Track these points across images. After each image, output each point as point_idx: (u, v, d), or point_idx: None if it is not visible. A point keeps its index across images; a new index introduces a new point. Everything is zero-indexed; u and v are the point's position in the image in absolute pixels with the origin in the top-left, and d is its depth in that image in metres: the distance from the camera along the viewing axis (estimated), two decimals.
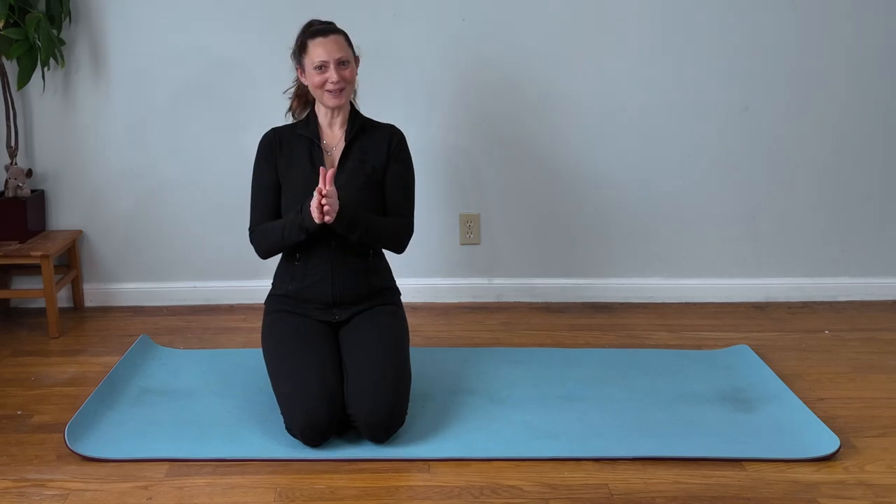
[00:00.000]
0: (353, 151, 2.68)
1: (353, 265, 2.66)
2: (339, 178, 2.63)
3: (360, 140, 2.69)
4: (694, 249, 3.67)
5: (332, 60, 2.59)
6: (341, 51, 2.61)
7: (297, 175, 2.65)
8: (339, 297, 2.65)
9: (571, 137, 3.57)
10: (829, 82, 3.54)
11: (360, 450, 2.41)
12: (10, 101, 3.41)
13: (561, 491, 2.23)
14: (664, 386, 2.81)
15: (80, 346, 3.23)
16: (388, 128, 2.74)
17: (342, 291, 2.65)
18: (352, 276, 2.65)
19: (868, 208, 3.65)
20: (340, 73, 2.60)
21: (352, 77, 2.64)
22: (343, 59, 2.61)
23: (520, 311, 3.61)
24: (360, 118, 2.72)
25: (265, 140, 2.73)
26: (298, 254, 2.65)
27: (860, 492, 2.22)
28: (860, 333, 3.33)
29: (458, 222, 3.62)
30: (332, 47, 2.60)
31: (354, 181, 2.64)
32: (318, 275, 2.65)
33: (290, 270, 2.69)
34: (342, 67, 2.61)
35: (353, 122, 2.70)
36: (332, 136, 2.71)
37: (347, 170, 2.65)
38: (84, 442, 2.44)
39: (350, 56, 2.64)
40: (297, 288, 2.67)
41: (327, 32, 2.63)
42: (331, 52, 2.59)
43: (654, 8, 3.48)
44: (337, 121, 2.70)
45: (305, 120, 2.73)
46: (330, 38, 2.61)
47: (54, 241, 3.43)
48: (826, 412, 2.64)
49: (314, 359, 2.50)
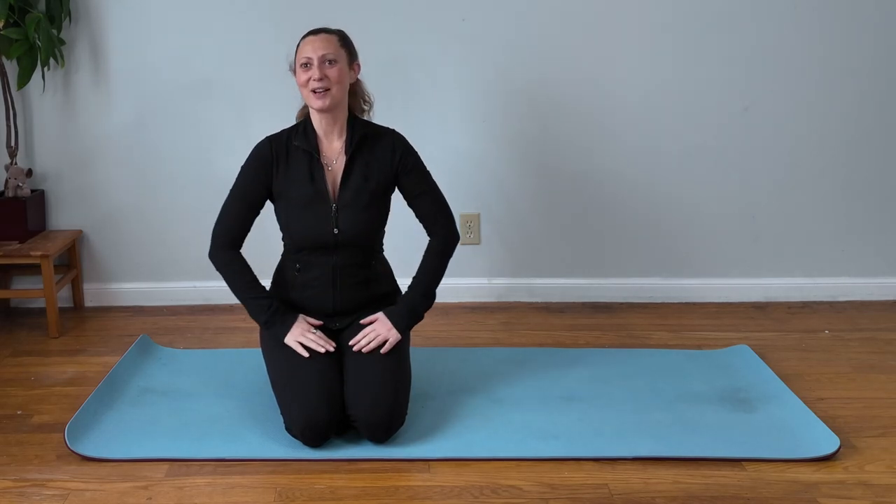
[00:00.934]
0: (356, 167, 2.56)
1: (356, 275, 2.60)
2: (342, 197, 2.54)
3: (362, 153, 2.57)
4: (694, 249, 3.68)
5: (317, 57, 2.48)
6: (328, 48, 2.50)
7: (297, 194, 2.55)
8: (341, 308, 2.62)
9: (572, 137, 3.57)
10: (828, 82, 3.54)
11: (360, 450, 2.41)
12: (10, 100, 3.41)
13: (561, 491, 2.23)
14: (664, 386, 2.81)
15: (80, 346, 3.23)
16: (388, 136, 2.62)
17: (344, 302, 2.61)
18: (354, 286, 2.61)
19: (868, 208, 3.65)
20: (324, 70, 2.48)
21: (339, 77, 2.51)
22: (329, 57, 2.49)
23: (520, 311, 3.61)
24: (359, 127, 2.59)
25: (260, 152, 2.59)
26: (298, 265, 2.60)
27: (860, 492, 2.22)
28: (860, 333, 3.33)
29: (458, 222, 3.61)
30: (318, 44, 2.51)
31: (358, 201, 2.55)
32: (318, 287, 2.60)
33: (288, 279, 2.64)
34: (327, 66, 2.49)
35: (352, 132, 2.57)
36: (330, 148, 2.59)
37: (351, 189, 2.55)
38: (84, 442, 2.44)
39: (340, 56, 2.52)
40: (296, 297, 2.62)
41: (319, 31, 2.55)
42: (316, 49, 2.50)
43: (654, 8, 3.48)
44: (334, 130, 2.58)
45: (303, 129, 2.59)
46: (320, 36, 2.53)
47: (54, 240, 3.43)
48: (826, 412, 2.64)
49: (314, 359, 2.49)
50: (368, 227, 2.59)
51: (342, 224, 2.54)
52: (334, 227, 2.54)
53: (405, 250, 2.87)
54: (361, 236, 2.58)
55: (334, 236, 2.54)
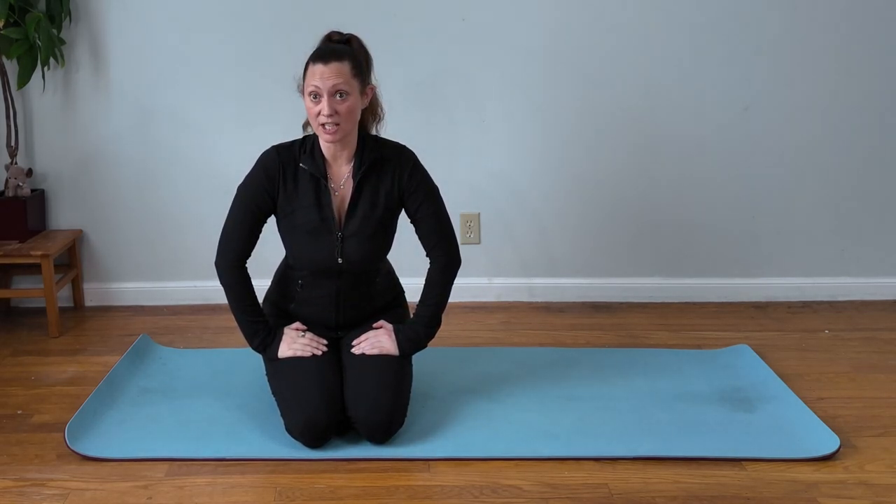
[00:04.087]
0: (364, 194, 2.48)
1: (360, 291, 2.58)
2: (349, 225, 2.48)
3: (370, 179, 2.48)
4: (694, 249, 3.67)
5: (326, 89, 2.34)
6: (338, 79, 2.34)
7: (303, 220, 2.48)
8: (343, 323, 2.61)
9: (572, 137, 3.57)
10: (828, 82, 3.54)
11: (360, 450, 2.41)
12: (10, 100, 3.41)
13: (561, 491, 2.23)
14: (664, 386, 2.81)
15: (80, 346, 3.23)
16: (396, 157, 2.50)
17: (346, 318, 2.60)
18: (357, 304, 2.60)
19: (868, 208, 3.65)
20: (334, 104, 2.34)
21: (349, 113, 2.37)
22: (340, 90, 2.35)
23: (520, 310, 3.61)
24: (368, 150, 2.48)
25: (267, 164, 2.48)
26: (301, 281, 2.56)
27: (860, 491, 2.22)
28: (860, 333, 3.33)
29: (458, 222, 3.61)
30: (328, 74, 2.34)
31: (365, 229, 2.49)
32: (320, 305, 2.58)
33: (290, 292, 2.61)
34: (338, 99, 2.35)
35: (360, 155, 2.47)
36: (338, 171, 2.50)
37: (358, 217, 2.48)
38: (84, 441, 2.44)
39: (352, 87, 2.37)
40: (296, 310, 2.61)
41: (329, 58, 2.36)
42: (325, 80, 2.34)
43: (654, 8, 3.47)
44: (343, 154, 2.48)
45: (310, 149, 2.48)
46: (330, 65, 2.35)
47: (54, 240, 3.43)
48: (826, 412, 2.64)
49: (313, 360, 2.49)
50: (373, 255, 2.55)
51: (347, 253, 2.50)
52: (339, 257, 2.50)
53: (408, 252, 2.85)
54: (366, 263, 2.55)
55: (338, 265, 2.51)
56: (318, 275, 2.55)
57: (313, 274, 2.55)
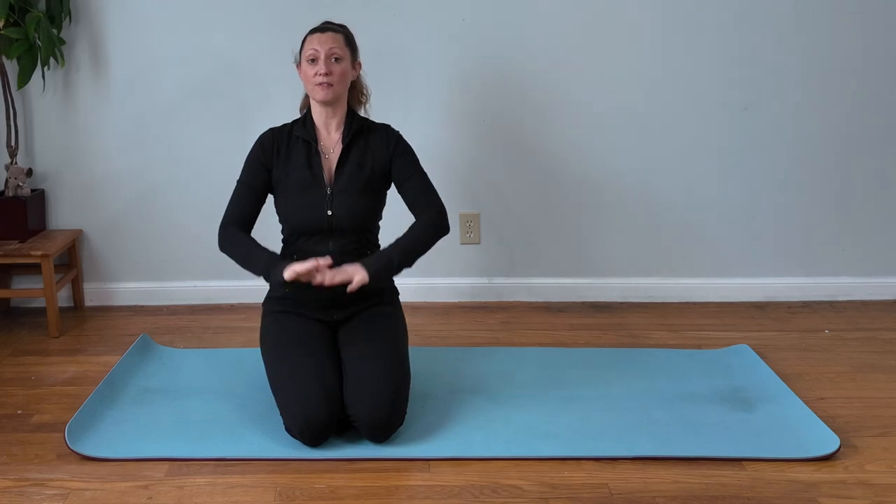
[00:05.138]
0: (352, 155, 2.67)
1: (351, 261, 2.61)
2: (337, 182, 2.64)
3: (357, 143, 2.69)
4: (694, 249, 3.68)
5: (323, 52, 2.59)
6: (335, 45, 2.61)
7: (295, 179, 2.65)
8: (338, 298, 2.64)
9: (572, 137, 3.57)
10: (828, 82, 3.54)
11: (360, 449, 2.41)
12: (10, 100, 3.41)
13: (561, 490, 2.23)
14: (664, 386, 2.81)
15: (80, 346, 3.23)
16: (383, 129, 2.74)
17: (341, 292, 2.62)
18: None
19: (868, 208, 3.65)
20: (330, 66, 2.59)
21: (342, 74, 2.62)
22: (335, 54, 2.61)
23: (519, 310, 3.61)
24: (357, 120, 2.71)
25: (262, 141, 2.71)
26: (295, 255, 2.63)
27: (860, 491, 2.22)
28: (860, 333, 3.33)
29: (457, 222, 3.61)
30: (325, 40, 2.61)
31: (353, 186, 2.64)
32: None
33: None
34: (333, 62, 2.60)
35: (349, 123, 2.69)
36: (329, 138, 2.70)
37: (346, 174, 2.65)
38: (84, 441, 2.44)
39: (345, 54, 2.64)
40: (293, 289, 2.64)
41: (325, 29, 2.66)
42: (323, 44, 2.60)
43: (654, 7, 3.48)
44: (333, 122, 2.69)
45: (303, 120, 2.72)
46: (327, 33, 2.64)
47: (54, 240, 3.43)
48: (826, 412, 2.64)
49: (313, 359, 2.49)
50: (363, 211, 2.65)
51: (336, 207, 2.61)
52: (328, 210, 2.60)
53: None
54: (356, 220, 2.63)
55: (328, 218, 2.60)
56: (311, 239, 2.62)
57: (307, 239, 2.63)
